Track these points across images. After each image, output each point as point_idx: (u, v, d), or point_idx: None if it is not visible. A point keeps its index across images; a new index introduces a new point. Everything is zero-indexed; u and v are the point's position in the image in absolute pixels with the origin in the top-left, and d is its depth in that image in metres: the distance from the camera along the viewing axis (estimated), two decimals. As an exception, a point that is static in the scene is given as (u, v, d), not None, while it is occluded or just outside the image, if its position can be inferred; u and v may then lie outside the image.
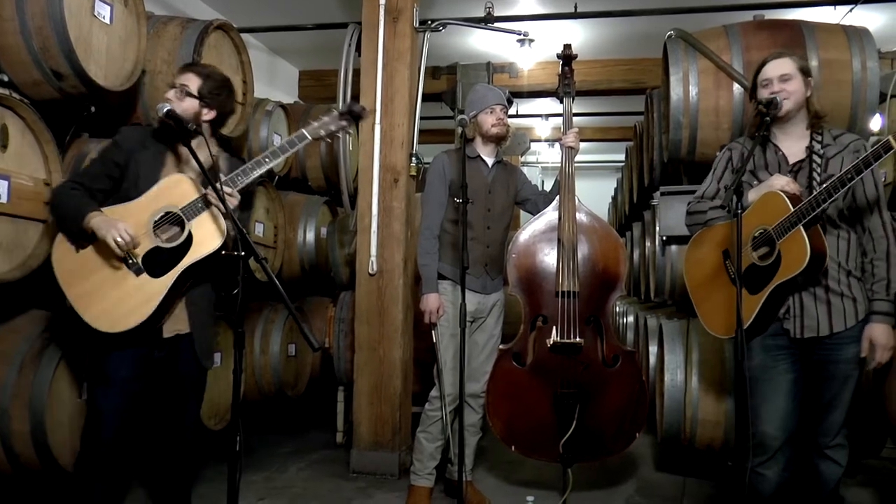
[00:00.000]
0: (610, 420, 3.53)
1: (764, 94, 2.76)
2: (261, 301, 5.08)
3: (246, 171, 2.83)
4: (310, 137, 2.93)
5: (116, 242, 2.62)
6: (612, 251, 3.60)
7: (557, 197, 3.62)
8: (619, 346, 3.57)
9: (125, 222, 2.65)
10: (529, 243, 3.60)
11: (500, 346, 3.63)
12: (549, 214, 3.63)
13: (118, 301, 2.69)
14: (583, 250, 3.56)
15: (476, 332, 3.71)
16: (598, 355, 3.53)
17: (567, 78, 3.74)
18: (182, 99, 2.83)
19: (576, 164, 3.65)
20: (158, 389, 2.91)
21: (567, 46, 3.77)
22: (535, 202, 3.85)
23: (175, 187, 2.79)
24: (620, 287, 3.59)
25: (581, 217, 3.59)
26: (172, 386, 2.93)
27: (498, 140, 3.69)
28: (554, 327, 3.48)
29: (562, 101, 3.73)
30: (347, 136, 4.71)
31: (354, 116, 2.97)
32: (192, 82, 2.86)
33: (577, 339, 3.45)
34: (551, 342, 3.46)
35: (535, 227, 3.62)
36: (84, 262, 2.70)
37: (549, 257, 3.57)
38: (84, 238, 2.69)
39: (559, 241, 3.54)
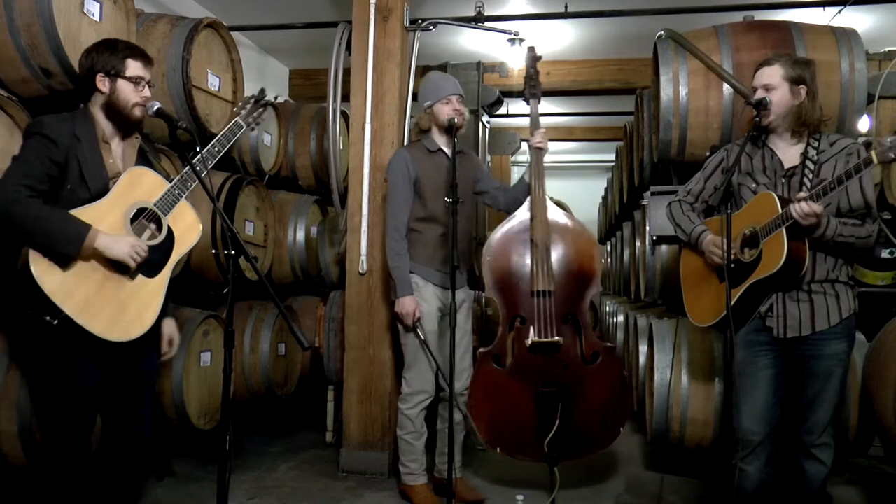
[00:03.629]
0: (593, 416, 3.56)
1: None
2: (251, 300, 5.06)
3: (205, 159, 2.86)
4: (245, 126, 3.09)
5: (134, 260, 2.54)
6: (586, 249, 3.64)
7: (529, 197, 3.64)
8: (599, 342, 3.60)
9: (127, 236, 2.57)
10: (503, 245, 3.62)
11: (481, 350, 3.64)
12: (521, 215, 3.65)
13: (121, 308, 2.58)
14: (556, 249, 3.60)
15: (446, 329, 3.70)
16: (578, 353, 3.56)
17: (533, 79, 3.81)
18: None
19: (566, 164, 3.68)
20: (116, 390, 2.75)
21: (532, 49, 3.84)
22: (494, 196, 3.85)
23: (139, 181, 2.69)
24: (596, 284, 3.63)
25: (553, 216, 3.62)
26: (131, 387, 2.79)
27: (456, 130, 3.61)
28: (531, 327, 3.50)
29: (528, 103, 3.76)
30: (338, 135, 4.71)
31: (266, 104, 3.20)
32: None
33: (555, 338, 3.49)
34: (530, 342, 3.49)
35: (507, 229, 3.64)
36: (73, 273, 2.51)
37: (523, 258, 3.59)
38: (74, 256, 2.51)
39: (532, 241, 3.56)
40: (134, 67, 2.70)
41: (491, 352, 3.59)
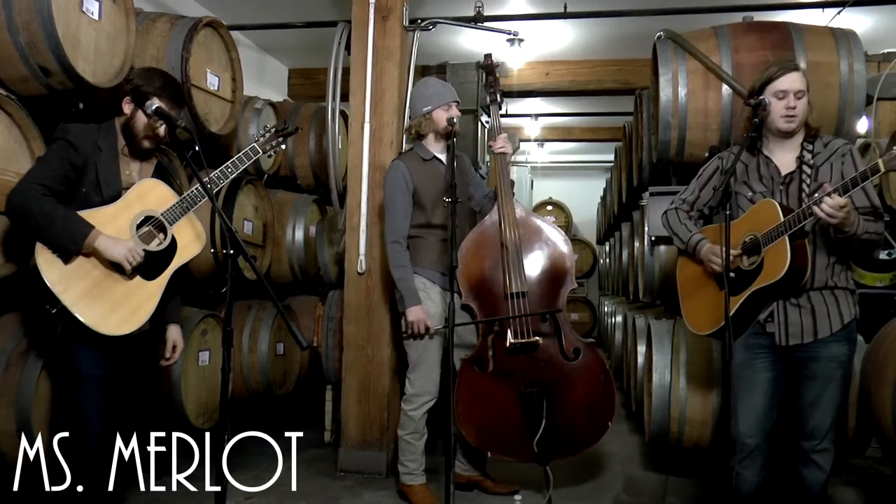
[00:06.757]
0: (579, 413, 3.58)
1: (779, 105, 2.74)
2: (249, 299, 5.06)
3: (218, 178, 2.96)
4: (261, 152, 3.16)
5: (129, 263, 2.68)
6: (556, 247, 3.67)
7: (496, 203, 3.66)
8: (579, 338, 3.63)
9: (126, 240, 2.71)
10: (474, 252, 3.64)
11: (461, 357, 3.64)
12: (490, 220, 3.68)
13: (117, 304, 2.72)
14: (527, 250, 3.63)
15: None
16: (558, 351, 3.58)
17: (492, 87, 3.85)
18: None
19: (565, 164, 3.70)
20: (115, 384, 2.87)
21: (488, 56, 3.88)
22: (479, 201, 3.89)
23: (150, 192, 2.85)
24: (570, 281, 3.66)
25: (521, 218, 3.65)
26: (128, 381, 2.93)
27: (455, 134, 3.63)
28: (509, 329, 3.52)
29: (488, 111, 3.78)
30: (337, 134, 4.71)
31: (287, 135, 3.28)
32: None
33: (533, 338, 3.51)
34: (508, 344, 3.50)
35: (477, 236, 3.67)
36: (74, 268, 2.67)
37: (495, 262, 3.61)
38: (75, 253, 2.66)
39: (502, 244, 3.58)
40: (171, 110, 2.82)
41: (472, 357, 3.61)
